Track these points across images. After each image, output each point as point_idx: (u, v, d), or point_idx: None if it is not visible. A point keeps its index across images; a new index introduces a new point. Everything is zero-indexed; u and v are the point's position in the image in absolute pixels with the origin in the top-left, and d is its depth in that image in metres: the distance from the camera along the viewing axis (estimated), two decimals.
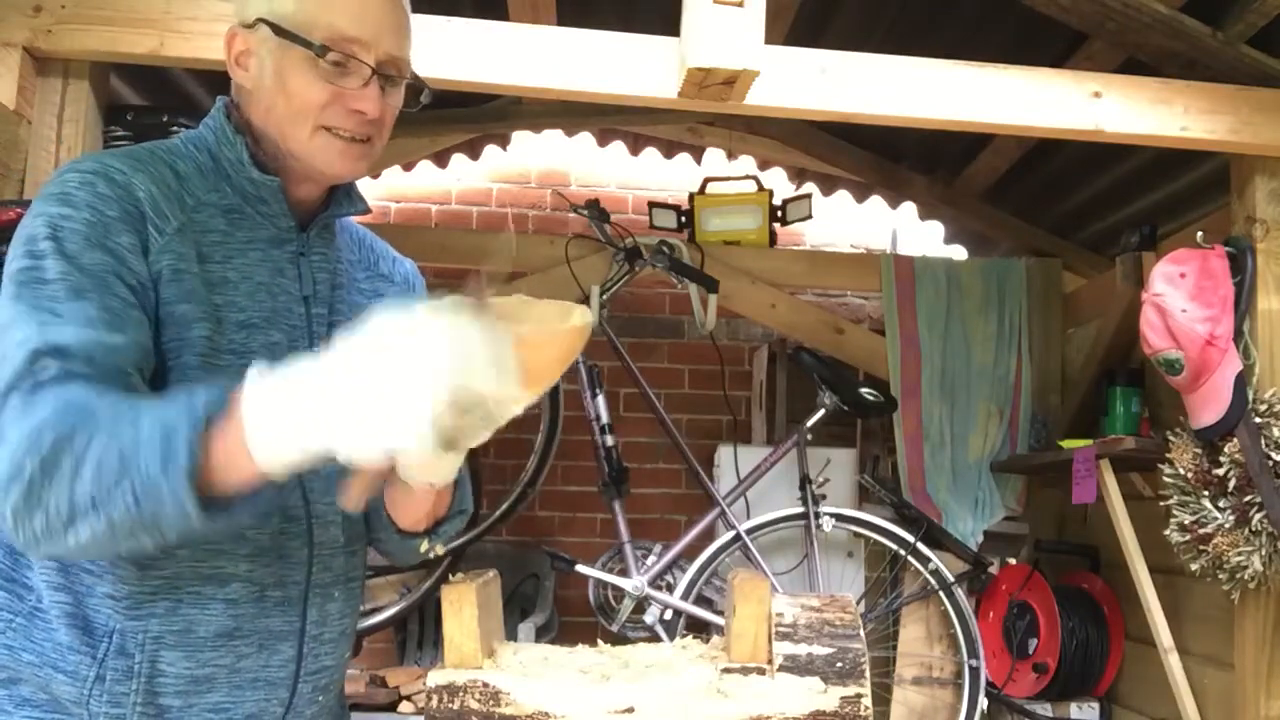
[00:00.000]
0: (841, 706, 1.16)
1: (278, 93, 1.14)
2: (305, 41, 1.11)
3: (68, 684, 1.06)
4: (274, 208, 1.18)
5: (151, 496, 0.88)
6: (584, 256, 3.41)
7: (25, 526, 0.93)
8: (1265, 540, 2.17)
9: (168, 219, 1.09)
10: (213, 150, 1.18)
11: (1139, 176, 3.05)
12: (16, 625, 1.08)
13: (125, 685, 1.07)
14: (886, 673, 3.18)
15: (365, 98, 1.14)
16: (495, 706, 1.17)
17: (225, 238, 1.14)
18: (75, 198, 1.04)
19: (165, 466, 0.87)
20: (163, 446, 0.88)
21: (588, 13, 2.50)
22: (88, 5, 2.04)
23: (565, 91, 2.11)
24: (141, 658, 1.07)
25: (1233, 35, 2.26)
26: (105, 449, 0.89)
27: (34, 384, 0.94)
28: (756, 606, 1.20)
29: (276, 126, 1.15)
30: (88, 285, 1.01)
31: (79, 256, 1.02)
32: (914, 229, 4.23)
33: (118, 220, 1.05)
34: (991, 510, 3.31)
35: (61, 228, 1.02)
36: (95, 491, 0.89)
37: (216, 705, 1.12)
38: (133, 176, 1.08)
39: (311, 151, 1.15)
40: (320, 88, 1.13)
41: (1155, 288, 2.32)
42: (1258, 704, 2.30)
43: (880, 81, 2.17)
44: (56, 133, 2.09)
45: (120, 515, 0.89)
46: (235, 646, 1.12)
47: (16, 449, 0.91)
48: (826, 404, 3.16)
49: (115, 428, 0.90)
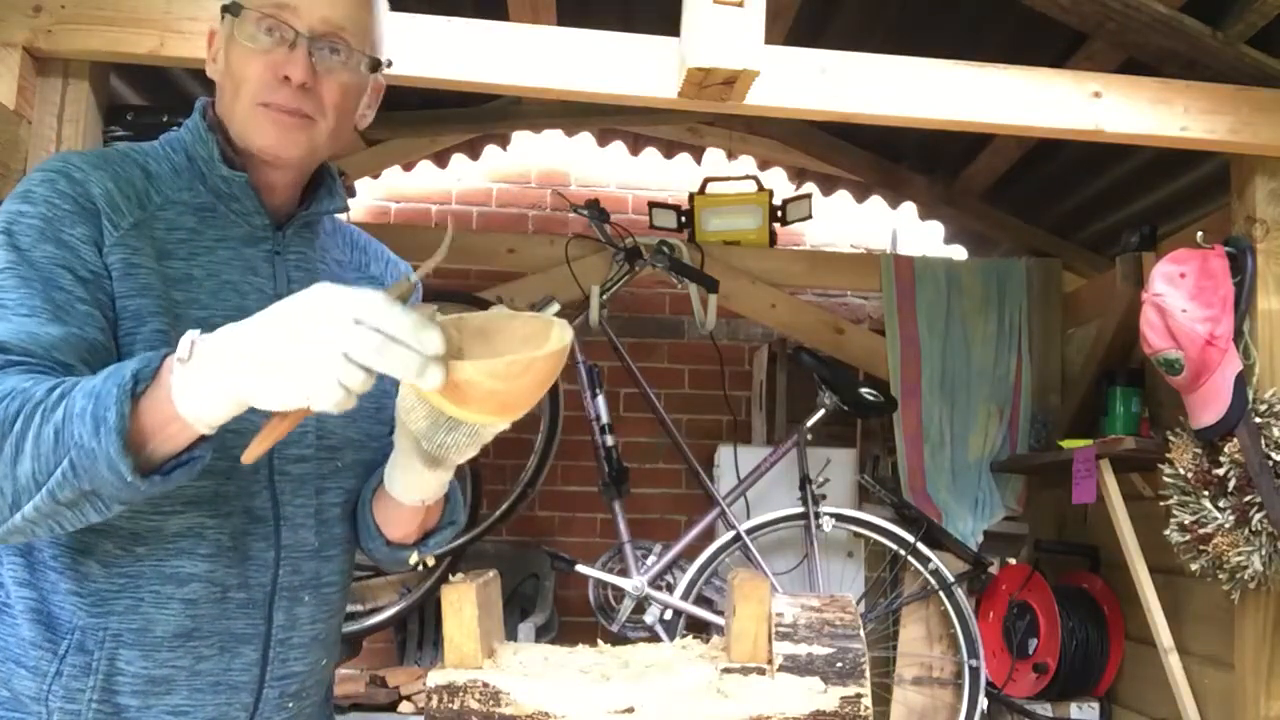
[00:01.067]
0: (841, 706, 1.16)
1: (226, 76, 1.16)
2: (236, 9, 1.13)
3: (28, 679, 1.07)
4: (246, 205, 1.17)
5: (87, 464, 0.89)
6: (584, 256, 3.41)
7: None
8: (1265, 540, 2.17)
9: (123, 215, 1.10)
10: (188, 149, 1.18)
11: (1139, 176, 3.05)
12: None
13: (82, 682, 1.07)
14: (886, 673, 3.18)
15: (291, 61, 1.12)
16: (495, 706, 1.17)
17: (193, 235, 1.14)
18: (34, 194, 1.07)
19: (97, 430, 0.88)
20: (93, 413, 0.88)
21: (588, 13, 2.50)
22: (88, 5, 2.04)
23: (565, 91, 2.11)
24: (100, 655, 1.07)
25: (1233, 35, 2.26)
26: (41, 426, 0.90)
27: None
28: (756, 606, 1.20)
29: (227, 111, 1.16)
30: (34, 277, 1.03)
31: (30, 250, 1.04)
32: (914, 229, 4.23)
33: (70, 214, 1.07)
34: (991, 510, 3.31)
35: (17, 223, 1.05)
36: (35, 468, 0.90)
37: (175, 708, 1.11)
38: (91, 174, 1.10)
39: (249, 129, 1.14)
40: (251, 59, 1.13)
41: (1155, 288, 2.32)
42: (1258, 704, 2.30)
43: (880, 81, 2.17)
44: (56, 133, 2.09)
45: (59, 486, 0.90)
46: (194, 648, 1.11)
47: None
48: (826, 404, 3.16)
49: (51, 407, 0.91)
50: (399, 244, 1.44)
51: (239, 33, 1.14)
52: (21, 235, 1.05)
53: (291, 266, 1.20)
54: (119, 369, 0.91)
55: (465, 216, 4.35)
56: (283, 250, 1.20)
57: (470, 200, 4.37)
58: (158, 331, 1.07)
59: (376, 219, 4.21)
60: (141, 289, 1.08)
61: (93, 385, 0.91)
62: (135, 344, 1.07)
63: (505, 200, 4.39)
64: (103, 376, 0.91)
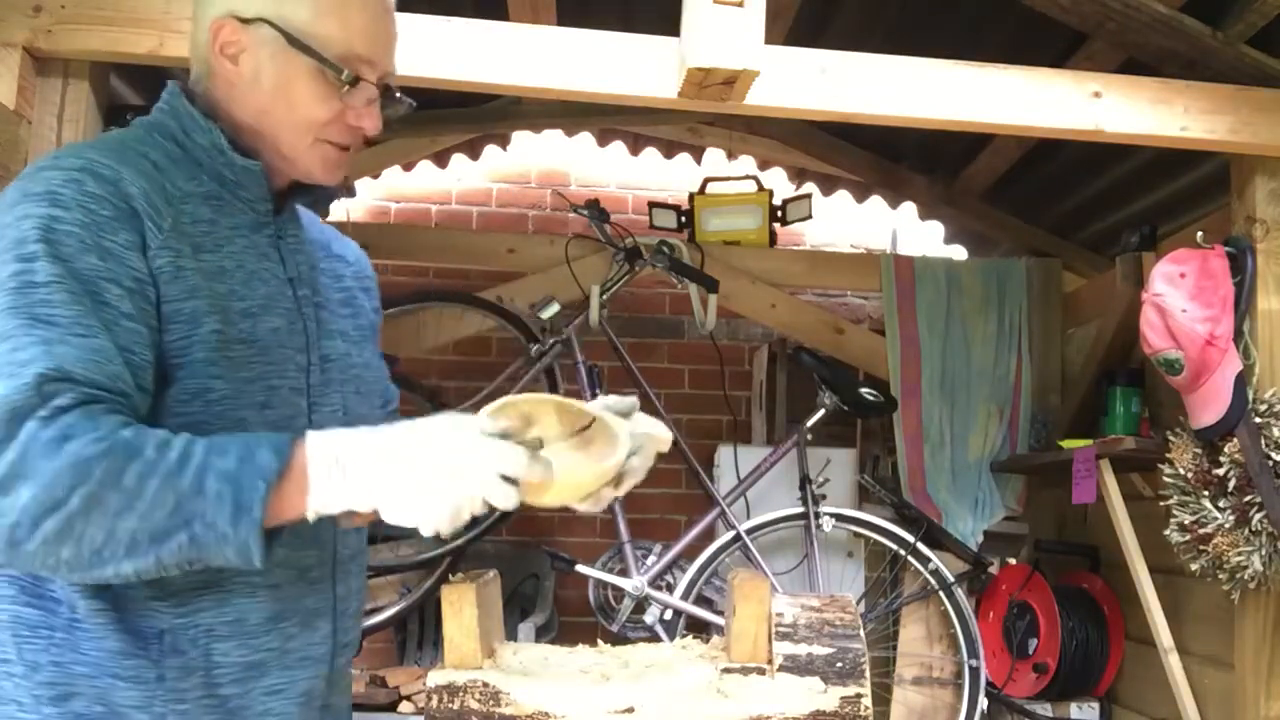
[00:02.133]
0: (841, 706, 1.16)
1: (277, 99, 1.13)
2: (326, 60, 1.11)
3: (130, 689, 1.06)
4: (253, 192, 1.16)
5: (213, 541, 0.95)
6: (584, 256, 3.41)
7: (50, 555, 0.94)
8: (1265, 540, 2.17)
9: (162, 215, 1.07)
10: (178, 138, 1.14)
11: (1139, 176, 3.05)
12: (58, 640, 1.05)
13: (186, 681, 1.08)
14: (886, 673, 3.18)
15: (369, 116, 1.16)
16: (495, 706, 1.17)
17: (212, 226, 1.12)
18: (63, 196, 1.01)
19: (237, 520, 0.94)
20: (234, 500, 0.94)
21: (588, 13, 2.50)
22: (88, 5, 2.04)
23: (565, 91, 2.11)
24: (195, 652, 1.08)
25: (1233, 35, 2.26)
26: (158, 493, 0.93)
27: (54, 410, 0.94)
28: (756, 606, 1.20)
29: (272, 129, 1.15)
30: (82, 292, 0.99)
31: (73, 260, 0.99)
32: (914, 229, 4.23)
33: (110, 219, 1.02)
34: (991, 510, 3.31)
35: (53, 230, 0.99)
36: (140, 534, 0.93)
37: (270, 687, 1.14)
38: (121, 170, 1.05)
39: (307, 160, 1.16)
40: (329, 105, 1.13)
41: (1155, 288, 2.32)
42: (1258, 704, 2.30)
43: (880, 81, 2.17)
44: (56, 133, 2.09)
45: (170, 555, 0.95)
46: (282, 628, 1.14)
47: (60, 477, 0.91)
48: (826, 404, 3.16)
49: (169, 473, 0.94)
50: (399, 244, 1.45)
51: (312, 73, 1.12)
52: (63, 244, 0.99)
53: (292, 250, 1.20)
54: (253, 453, 0.96)
55: (465, 216, 4.35)
56: (283, 234, 1.20)
57: (470, 200, 4.36)
58: (213, 331, 1.07)
59: (376, 219, 4.21)
60: (191, 291, 1.07)
61: (226, 467, 0.95)
62: (193, 346, 1.06)
63: (505, 200, 4.39)
64: (237, 458, 0.96)
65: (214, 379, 1.07)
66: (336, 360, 1.22)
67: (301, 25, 1.11)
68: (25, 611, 1.06)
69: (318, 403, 1.18)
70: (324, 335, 1.21)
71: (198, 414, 1.06)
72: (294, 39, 1.10)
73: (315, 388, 1.18)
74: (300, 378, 1.16)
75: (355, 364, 1.25)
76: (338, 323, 1.24)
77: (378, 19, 1.15)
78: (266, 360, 1.11)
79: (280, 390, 1.13)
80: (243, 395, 1.09)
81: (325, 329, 1.21)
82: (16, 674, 1.05)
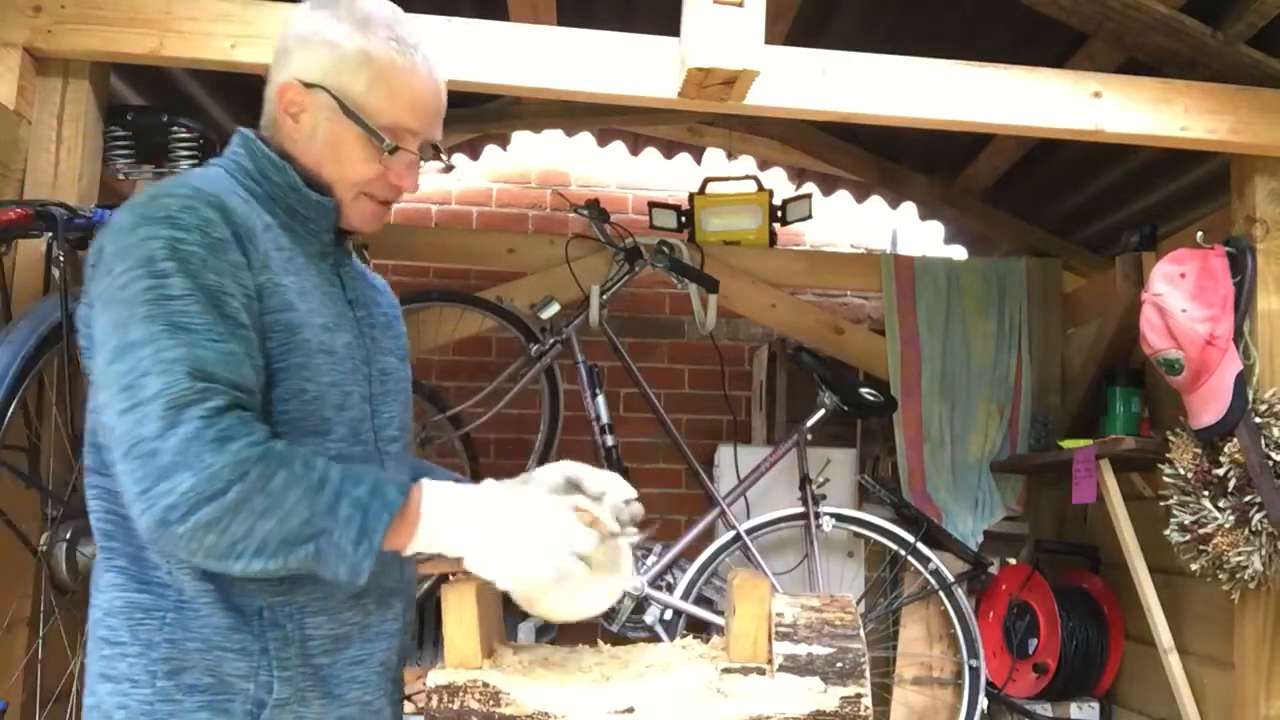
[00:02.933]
0: (841, 706, 1.16)
1: (328, 156, 1.27)
2: (373, 131, 1.24)
3: (238, 660, 1.16)
4: (320, 224, 1.29)
5: (333, 557, 1.09)
6: (584, 256, 3.40)
7: (195, 540, 1.05)
8: (1265, 540, 2.17)
9: (257, 240, 1.19)
10: (255, 177, 1.26)
11: (1139, 176, 3.05)
12: (170, 620, 1.15)
13: (286, 651, 1.18)
14: (886, 673, 3.18)
15: (408, 177, 1.30)
16: (495, 706, 1.17)
17: (291, 253, 1.24)
18: (182, 220, 1.12)
19: (359, 543, 1.09)
20: (361, 526, 1.09)
21: (588, 13, 2.51)
22: (88, 5, 2.04)
23: (565, 91, 2.11)
24: (292, 626, 1.19)
25: (1233, 35, 2.26)
26: (297, 504, 1.07)
27: (213, 410, 1.05)
28: (756, 606, 1.20)
29: (325, 181, 1.28)
30: (209, 304, 1.10)
31: (198, 276, 1.10)
32: (914, 229, 4.23)
33: (224, 241, 1.14)
34: (991, 510, 3.31)
35: (179, 249, 1.10)
36: (273, 536, 1.06)
37: (354, 658, 1.25)
38: (225, 200, 1.17)
39: (350, 210, 1.30)
40: (372, 167, 1.27)
41: (1155, 288, 2.32)
42: (1258, 704, 2.30)
43: (880, 81, 2.17)
44: (56, 133, 2.09)
45: (294, 560, 1.08)
46: (363, 604, 1.25)
47: (221, 472, 1.03)
48: (826, 404, 3.16)
49: (312, 489, 1.08)
50: (399, 244, 1.47)
51: (360, 140, 1.25)
52: (189, 261, 1.10)
53: (348, 276, 1.34)
54: (382, 489, 1.11)
55: (465, 216, 4.35)
56: (341, 263, 1.33)
57: (470, 200, 4.36)
58: (306, 340, 1.20)
59: None
60: (286, 305, 1.19)
61: (359, 495, 1.10)
62: (291, 353, 1.18)
63: (505, 200, 4.39)
64: (368, 489, 1.10)
65: (306, 381, 1.19)
66: (390, 374, 1.36)
67: (355, 96, 1.24)
68: (137, 597, 1.16)
69: (378, 410, 1.31)
70: (379, 351, 1.34)
71: (294, 412, 1.19)
72: (346, 107, 1.24)
73: (376, 396, 1.31)
74: (366, 386, 1.29)
75: (402, 379, 1.40)
76: (387, 342, 1.38)
77: (425, 95, 1.28)
78: (342, 369, 1.25)
79: (352, 395, 1.26)
80: (326, 397, 1.22)
81: (379, 346, 1.35)
82: (131, 654, 1.16)
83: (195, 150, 2.44)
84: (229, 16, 2.06)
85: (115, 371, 1.07)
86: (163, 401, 1.04)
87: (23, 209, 1.76)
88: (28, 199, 1.97)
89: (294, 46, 1.27)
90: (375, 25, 1.25)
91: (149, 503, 1.04)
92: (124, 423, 1.05)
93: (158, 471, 1.03)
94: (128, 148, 2.41)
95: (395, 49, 1.25)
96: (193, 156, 2.45)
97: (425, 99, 1.28)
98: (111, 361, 1.08)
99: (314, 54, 1.25)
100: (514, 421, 3.62)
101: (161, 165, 2.45)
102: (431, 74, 1.29)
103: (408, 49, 1.25)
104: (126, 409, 1.05)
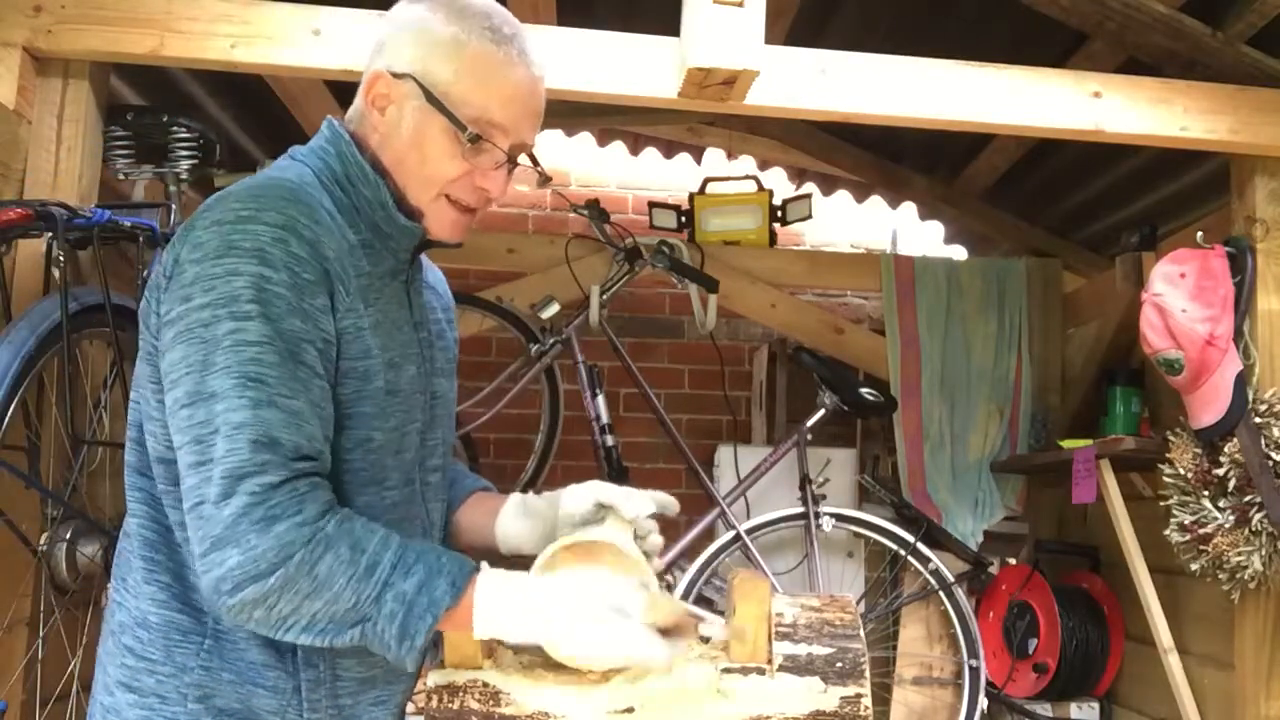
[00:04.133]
0: (841, 706, 1.16)
1: (412, 149, 1.19)
2: (456, 120, 1.16)
3: (269, 697, 1.16)
4: (401, 244, 1.22)
5: (379, 647, 1.08)
6: (584, 256, 3.40)
7: (244, 613, 1.05)
8: (1265, 540, 2.17)
9: (350, 278, 1.14)
10: (343, 185, 1.19)
11: (1139, 176, 3.05)
12: (208, 647, 1.15)
13: (318, 692, 1.18)
14: (886, 673, 3.17)
15: (494, 179, 1.21)
16: (495, 706, 1.17)
17: (369, 277, 1.18)
18: (272, 256, 1.07)
19: (400, 641, 1.07)
20: (401, 625, 1.07)
21: (588, 13, 2.51)
22: (88, 5, 2.04)
23: (565, 91, 2.11)
24: (324, 666, 1.18)
25: (1233, 35, 2.26)
26: (342, 590, 1.05)
27: (265, 487, 1.04)
28: (756, 606, 1.20)
29: (403, 178, 1.20)
30: (288, 354, 1.07)
31: (280, 321, 1.06)
32: (914, 229, 4.23)
33: (313, 283, 1.09)
34: (991, 510, 3.31)
35: (264, 290, 1.06)
36: (321, 616, 1.06)
37: (376, 698, 1.25)
38: (320, 234, 1.11)
39: (429, 212, 1.21)
40: (457, 164, 1.18)
41: (1155, 288, 2.32)
42: (1258, 704, 2.30)
43: (880, 81, 2.17)
44: (56, 133, 2.09)
45: (342, 641, 1.08)
46: None
47: (264, 555, 1.03)
48: (826, 404, 3.15)
49: (354, 577, 1.06)
50: None
51: (445, 131, 1.17)
52: (273, 305, 1.06)
53: (417, 293, 1.28)
54: (433, 583, 1.08)
55: None
56: (412, 280, 1.27)
57: None
58: (379, 387, 1.16)
59: None
60: (365, 351, 1.15)
61: (405, 590, 1.07)
62: (363, 400, 1.15)
63: (505, 200, 4.38)
64: (416, 584, 1.07)
65: (375, 430, 1.17)
66: (441, 397, 1.31)
67: (442, 84, 1.17)
68: (177, 618, 1.15)
69: (427, 438, 1.28)
70: (434, 374, 1.30)
71: (357, 463, 1.17)
72: (432, 95, 1.17)
73: (427, 425, 1.27)
74: (422, 418, 1.26)
75: (450, 399, 1.35)
76: (439, 358, 1.32)
77: (518, 90, 1.19)
78: (405, 408, 1.21)
79: (410, 435, 1.23)
80: (389, 444, 1.19)
81: (434, 367, 1.30)
82: (162, 673, 1.14)
83: (195, 150, 2.44)
84: (229, 16, 2.06)
85: (190, 419, 1.06)
86: (222, 468, 1.04)
87: (23, 209, 1.76)
88: (28, 199, 1.97)
89: (388, 37, 1.20)
90: (472, 14, 1.18)
91: (205, 567, 1.05)
92: (191, 478, 1.06)
93: (211, 540, 1.04)
94: (128, 148, 2.41)
95: (490, 38, 1.17)
96: (193, 156, 2.45)
97: (518, 94, 1.19)
98: (185, 405, 1.06)
99: (406, 42, 1.18)
100: (514, 421, 3.62)
101: (161, 165, 2.45)
102: (529, 68, 1.20)
103: (502, 39, 1.18)
104: (193, 464, 1.05)
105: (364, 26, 2.08)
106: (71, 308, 1.81)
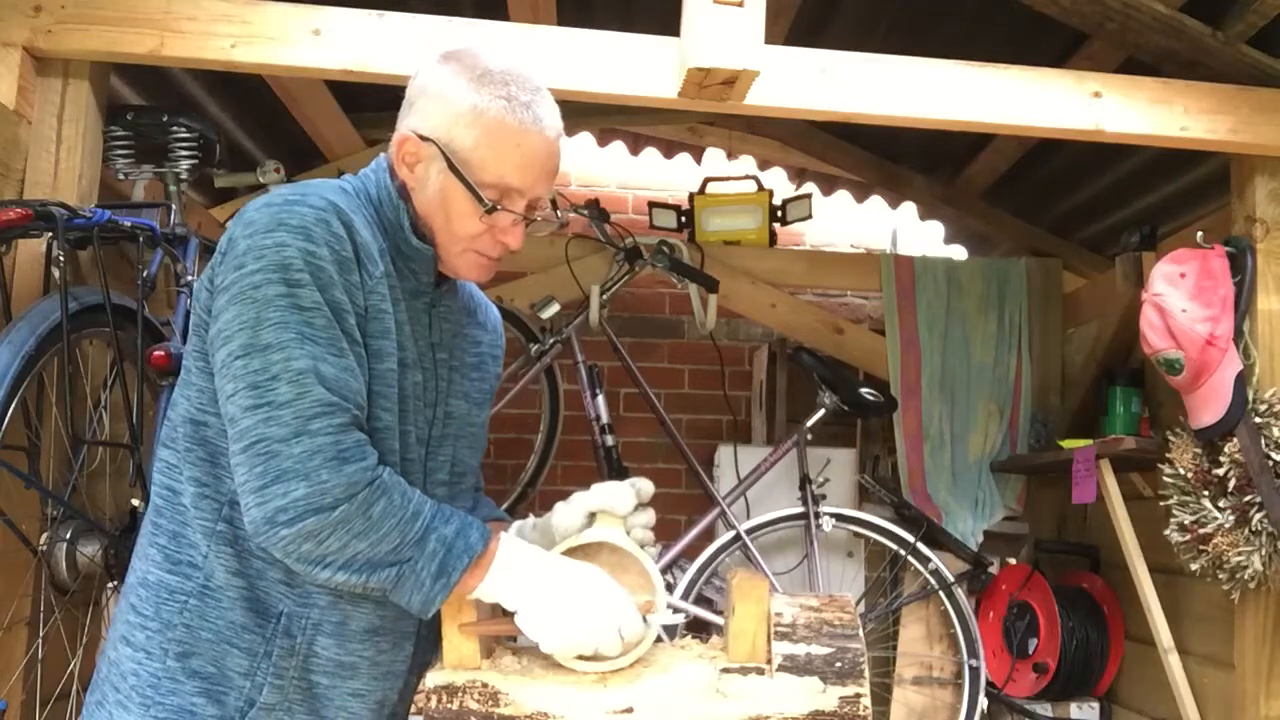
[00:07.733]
0: (841, 706, 1.16)
1: (438, 209, 1.29)
2: (475, 191, 1.26)
3: (241, 657, 1.22)
4: (420, 266, 1.32)
5: (412, 588, 1.17)
6: (584, 256, 3.41)
7: (294, 544, 1.13)
8: (1265, 540, 2.17)
9: (375, 263, 1.24)
10: (375, 204, 1.30)
11: (1139, 176, 3.05)
12: (191, 606, 1.22)
13: (287, 662, 1.23)
14: (886, 673, 3.18)
15: (512, 234, 1.31)
16: (495, 707, 1.17)
17: (393, 285, 1.28)
18: (315, 234, 1.17)
19: (437, 579, 1.17)
20: (442, 562, 1.17)
21: (588, 13, 2.51)
22: (88, 5, 2.04)
23: (565, 91, 2.10)
24: (302, 640, 1.24)
25: (1233, 35, 2.26)
26: (390, 531, 1.15)
27: (340, 426, 1.14)
28: (756, 606, 1.20)
29: (431, 230, 1.31)
30: (333, 320, 1.17)
31: (326, 290, 1.17)
32: (914, 229, 4.23)
33: (349, 259, 1.20)
34: (991, 510, 3.31)
35: (312, 261, 1.16)
36: (361, 556, 1.14)
37: (355, 690, 1.29)
38: (354, 218, 1.22)
39: (457, 264, 1.33)
40: (476, 224, 1.29)
41: (1155, 288, 2.32)
42: (1258, 704, 2.30)
43: (880, 81, 2.17)
44: (56, 133, 2.09)
45: (375, 581, 1.16)
46: (377, 641, 1.29)
47: (333, 489, 1.12)
48: (826, 404, 3.15)
49: (402, 519, 1.16)
50: None
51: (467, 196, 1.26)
52: (319, 275, 1.16)
53: (441, 317, 1.36)
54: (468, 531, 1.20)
55: None
56: (437, 304, 1.35)
57: None
58: (389, 370, 1.25)
59: None
60: (383, 332, 1.24)
61: (446, 533, 1.18)
62: (375, 379, 1.23)
63: None
64: (455, 529, 1.19)
65: (384, 411, 1.24)
66: (457, 418, 1.39)
67: (463, 152, 1.26)
68: (168, 578, 1.23)
69: (433, 452, 1.35)
70: (451, 395, 1.38)
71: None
72: (452, 163, 1.26)
73: (434, 439, 1.35)
74: (425, 429, 1.33)
75: (473, 423, 1.43)
76: (464, 385, 1.41)
77: (533, 154, 1.28)
78: (404, 408, 1.28)
79: (409, 436, 1.29)
80: (390, 432, 1.25)
81: (453, 389, 1.38)
82: (151, 628, 1.23)
83: (195, 150, 2.44)
84: (229, 16, 2.06)
85: (245, 367, 1.13)
86: (292, 410, 1.12)
87: (23, 209, 1.76)
88: (28, 199, 1.97)
89: (415, 97, 1.30)
90: (491, 82, 1.26)
91: (262, 499, 1.12)
92: (248, 419, 1.13)
93: (276, 473, 1.11)
94: (128, 148, 2.40)
95: (505, 107, 1.25)
96: (193, 156, 2.45)
97: (532, 158, 1.28)
98: (239, 356, 1.14)
99: (431, 107, 1.27)
100: (514, 421, 3.62)
101: (161, 165, 2.44)
102: (543, 133, 1.28)
103: (518, 107, 1.26)
104: (252, 406, 1.12)
105: (364, 26, 2.08)
106: (71, 308, 1.81)
